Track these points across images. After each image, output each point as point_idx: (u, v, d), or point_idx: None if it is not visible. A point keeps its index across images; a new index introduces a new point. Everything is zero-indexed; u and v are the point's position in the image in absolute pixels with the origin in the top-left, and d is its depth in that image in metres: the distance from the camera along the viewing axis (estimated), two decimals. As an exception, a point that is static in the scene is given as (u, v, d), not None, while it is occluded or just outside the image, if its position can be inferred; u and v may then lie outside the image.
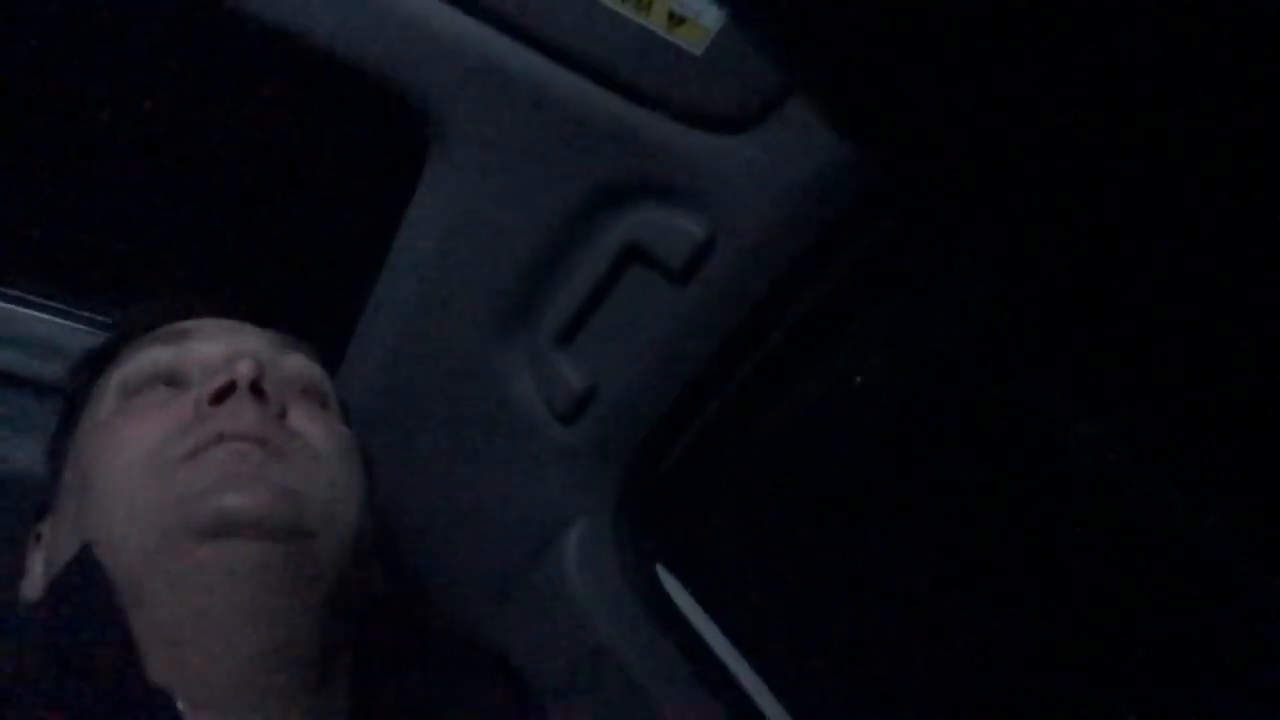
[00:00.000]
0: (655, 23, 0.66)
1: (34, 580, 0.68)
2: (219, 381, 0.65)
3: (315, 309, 0.85)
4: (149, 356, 0.71)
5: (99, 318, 0.95)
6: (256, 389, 0.65)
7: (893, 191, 0.71)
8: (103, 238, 0.95)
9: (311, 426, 0.68)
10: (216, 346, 0.72)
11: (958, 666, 0.84)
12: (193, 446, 0.61)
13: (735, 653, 0.88)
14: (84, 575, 0.60)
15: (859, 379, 0.88)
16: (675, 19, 0.65)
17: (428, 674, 0.81)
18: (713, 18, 0.65)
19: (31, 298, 0.94)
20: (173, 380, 0.70)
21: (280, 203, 0.95)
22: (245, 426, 0.62)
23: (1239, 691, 0.74)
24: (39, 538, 0.71)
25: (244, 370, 0.65)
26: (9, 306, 0.94)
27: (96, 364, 0.75)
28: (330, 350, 0.82)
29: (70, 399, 0.76)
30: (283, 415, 0.67)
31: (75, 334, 0.93)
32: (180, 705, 0.56)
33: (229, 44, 0.80)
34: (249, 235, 0.97)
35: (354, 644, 0.67)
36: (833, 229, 0.72)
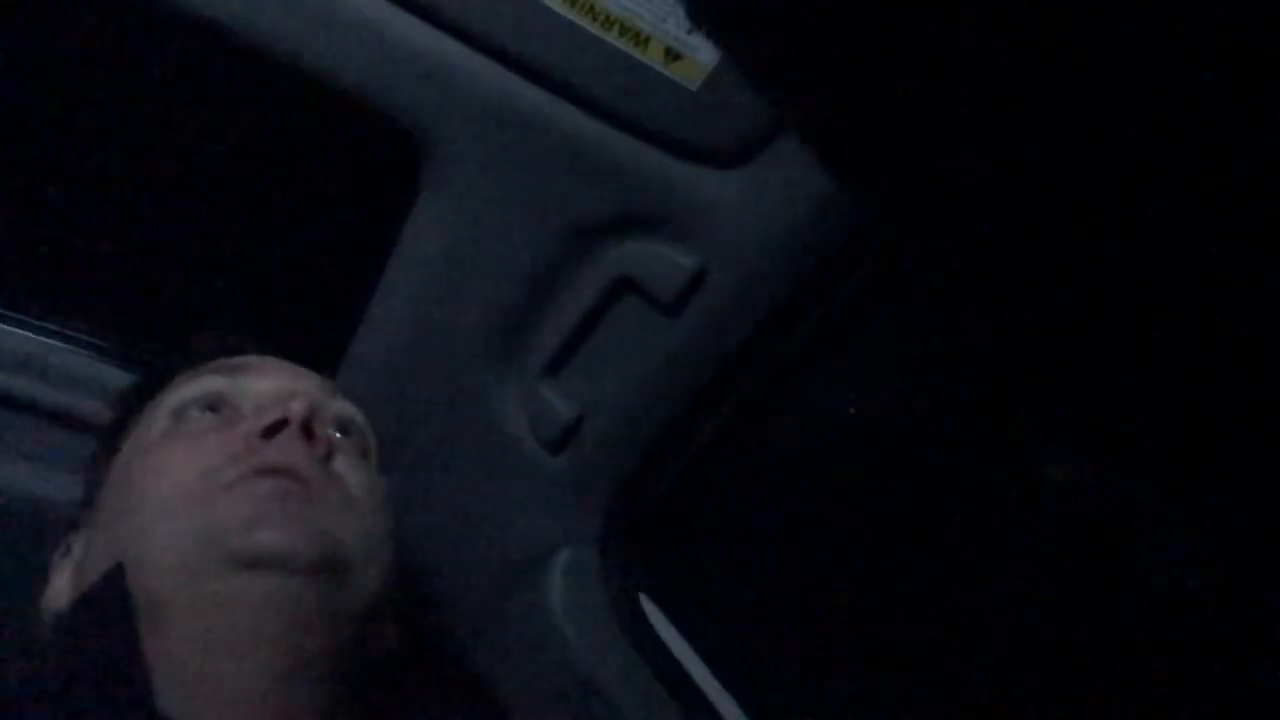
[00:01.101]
0: (652, 58, 0.67)
1: (57, 593, 0.68)
2: (273, 416, 0.66)
3: (307, 333, 0.85)
4: (204, 385, 0.72)
5: (100, 343, 0.95)
6: (307, 428, 0.67)
7: (884, 228, 0.72)
8: (103, 260, 0.95)
9: (352, 474, 0.69)
10: (271, 383, 0.73)
11: (943, 698, 0.85)
12: (236, 477, 0.62)
13: (717, 683, 0.88)
14: (110, 595, 0.60)
15: (851, 409, 0.89)
16: (671, 55, 0.67)
17: (414, 703, 0.81)
18: (709, 54, 0.66)
19: (38, 323, 0.94)
20: (225, 411, 0.71)
21: (271, 228, 0.95)
22: (292, 463, 0.64)
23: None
24: (68, 551, 0.71)
25: (298, 408, 0.67)
26: (24, 334, 0.94)
27: (149, 388, 0.76)
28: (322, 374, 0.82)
29: (117, 420, 0.76)
30: (328, 458, 0.68)
31: (86, 363, 0.94)
32: None
33: (222, 68, 0.81)
34: (242, 259, 0.97)
35: (361, 695, 0.67)
36: (823, 264, 0.72)
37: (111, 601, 0.60)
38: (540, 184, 0.75)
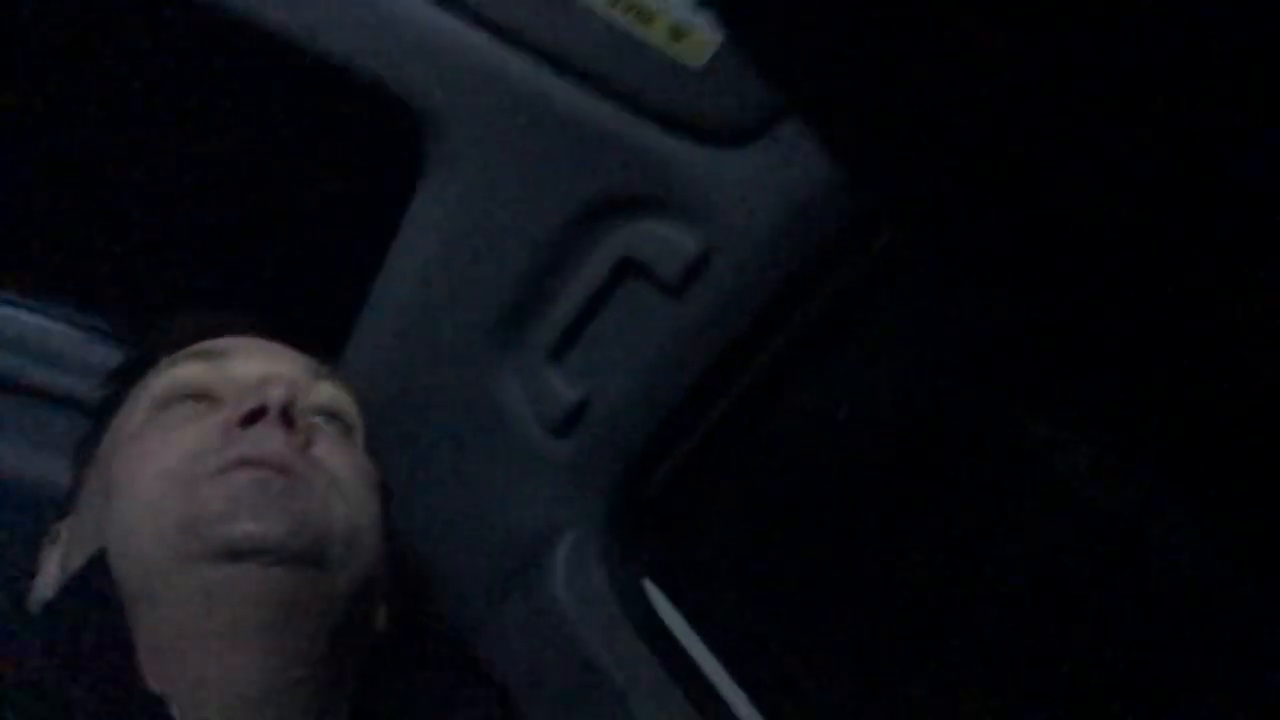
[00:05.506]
0: (656, 36, 0.66)
1: (47, 579, 0.68)
2: (250, 404, 0.65)
3: (310, 316, 0.84)
4: (185, 371, 0.72)
5: (106, 329, 0.94)
6: (286, 416, 0.66)
7: (889, 209, 0.70)
8: (102, 243, 0.94)
9: (335, 458, 0.68)
10: (251, 368, 0.72)
11: (949, 686, 0.84)
12: (217, 466, 0.62)
13: (721, 669, 0.88)
14: (94, 580, 0.60)
15: (842, 412, 0.88)
16: (676, 33, 0.65)
17: (417, 688, 0.81)
18: (713, 33, 0.65)
19: (45, 308, 0.94)
20: (206, 397, 0.70)
21: (275, 211, 0.95)
22: (270, 452, 0.63)
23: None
24: (56, 538, 0.71)
25: (275, 396, 0.65)
26: (25, 317, 0.93)
27: (131, 374, 0.76)
28: (325, 356, 0.81)
29: (101, 406, 0.76)
30: (308, 445, 0.67)
31: (85, 345, 0.94)
32: (175, 713, 0.56)
33: (225, 49, 0.80)
34: (245, 243, 0.96)
35: (356, 679, 0.67)
36: (828, 245, 0.72)
37: (95, 589, 0.60)
38: (543, 164, 0.74)
